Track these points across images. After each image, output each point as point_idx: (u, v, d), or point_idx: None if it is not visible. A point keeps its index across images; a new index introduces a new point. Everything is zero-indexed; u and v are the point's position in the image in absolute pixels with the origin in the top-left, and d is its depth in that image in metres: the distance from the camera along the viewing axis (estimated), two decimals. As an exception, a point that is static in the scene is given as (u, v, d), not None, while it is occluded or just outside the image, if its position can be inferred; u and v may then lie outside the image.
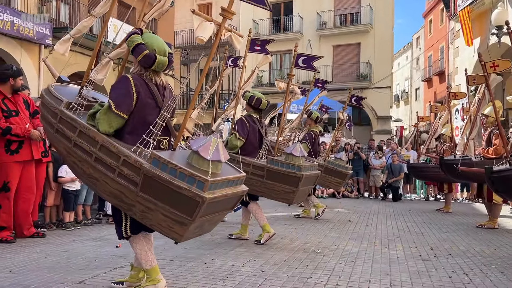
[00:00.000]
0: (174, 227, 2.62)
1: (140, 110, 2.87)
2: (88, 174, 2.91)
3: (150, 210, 2.65)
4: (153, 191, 2.60)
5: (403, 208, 9.62)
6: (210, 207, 2.60)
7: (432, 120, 10.88)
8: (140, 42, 2.91)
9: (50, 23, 13.58)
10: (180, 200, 2.54)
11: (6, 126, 4.86)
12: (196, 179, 2.52)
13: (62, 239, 5.22)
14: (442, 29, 26.39)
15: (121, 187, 2.72)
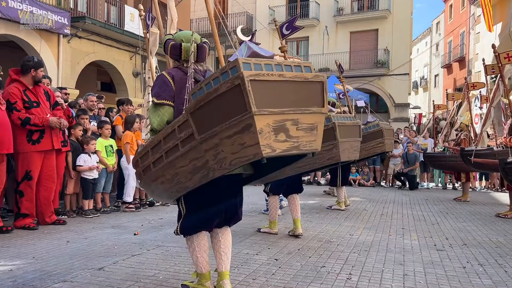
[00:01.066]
0: (244, 141, 2.18)
1: (181, 98, 2.77)
2: (171, 175, 2.63)
3: (218, 148, 2.30)
4: (205, 122, 2.29)
5: (419, 197, 9.56)
6: (265, 91, 2.15)
7: (448, 108, 10.71)
8: (168, 38, 2.98)
9: (68, 13, 13.73)
10: (225, 102, 2.18)
11: (25, 116, 4.98)
12: (226, 69, 2.17)
13: (82, 226, 5.37)
14: (463, 14, 25.76)
15: (188, 154, 2.44)
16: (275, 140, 2.20)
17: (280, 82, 2.22)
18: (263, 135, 2.14)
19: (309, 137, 2.32)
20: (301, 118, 2.29)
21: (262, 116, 2.13)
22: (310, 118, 2.32)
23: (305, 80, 2.31)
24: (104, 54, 15.93)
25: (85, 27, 14.51)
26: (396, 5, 22.43)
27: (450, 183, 12.41)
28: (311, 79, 2.33)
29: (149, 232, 5.07)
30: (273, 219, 5.17)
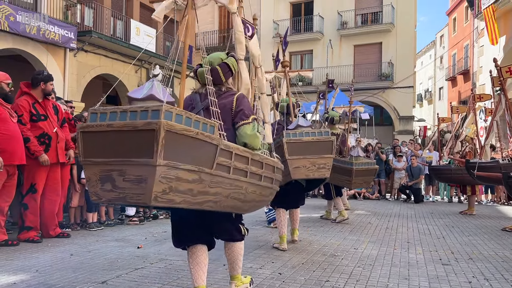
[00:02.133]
0: None
1: None
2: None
3: None
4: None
5: (425, 211, 9.49)
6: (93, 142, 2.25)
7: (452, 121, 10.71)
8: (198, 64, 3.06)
9: (75, 27, 13.92)
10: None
11: (26, 136, 4.99)
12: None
13: (86, 239, 5.37)
14: (467, 27, 25.85)
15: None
16: (101, 189, 2.25)
17: (109, 132, 2.20)
18: (90, 183, 2.29)
19: (136, 190, 2.18)
20: (127, 169, 2.19)
21: (88, 166, 2.27)
22: (136, 169, 2.17)
23: (134, 129, 2.15)
24: (110, 68, 16.08)
25: (91, 41, 14.68)
26: (399, 18, 22.56)
27: (455, 196, 12.32)
28: (141, 127, 2.12)
29: (152, 246, 5.06)
30: (281, 234, 5.06)
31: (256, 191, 2.84)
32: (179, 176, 2.23)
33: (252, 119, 2.90)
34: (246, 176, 2.69)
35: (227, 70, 2.99)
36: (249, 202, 2.85)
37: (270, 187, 3.06)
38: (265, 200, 3.14)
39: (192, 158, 2.29)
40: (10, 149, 4.70)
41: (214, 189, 2.45)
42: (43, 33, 12.65)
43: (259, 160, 2.83)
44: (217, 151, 2.40)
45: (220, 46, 25.52)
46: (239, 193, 2.67)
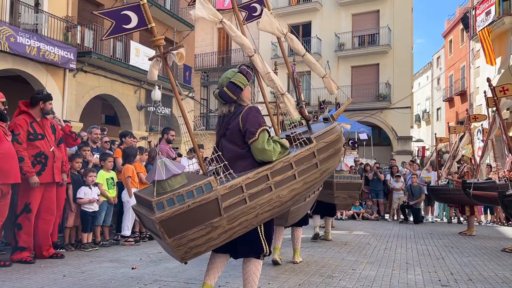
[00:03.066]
0: None
1: None
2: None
3: None
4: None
5: (424, 231, 9.40)
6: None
7: (450, 141, 10.73)
8: None
9: (75, 48, 14.05)
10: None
11: (21, 155, 4.95)
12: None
13: (79, 260, 5.29)
14: (463, 49, 26.18)
15: None
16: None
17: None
18: None
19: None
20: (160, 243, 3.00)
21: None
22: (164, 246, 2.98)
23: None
24: (109, 88, 16.18)
25: (91, 61, 14.82)
26: (396, 40, 22.85)
27: (455, 217, 12.24)
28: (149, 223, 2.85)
29: (147, 266, 4.99)
30: (277, 245, 5.25)
31: (296, 188, 3.13)
32: (191, 238, 2.70)
33: (259, 133, 2.97)
34: (271, 190, 2.97)
35: (235, 88, 3.08)
36: (292, 200, 3.17)
37: (314, 173, 3.31)
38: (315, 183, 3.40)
39: (197, 220, 2.70)
40: (5, 168, 4.67)
41: (237, 222, 2.82)
42: (43, 54, 12.77)
43: (284, 166, 3.05)
44: (218, 201, 2.73)
45: (219, 67, 25.78)
46: (269, 204, 2.96)
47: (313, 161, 3.31)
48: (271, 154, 2.98)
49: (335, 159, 3.63)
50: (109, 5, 16.35)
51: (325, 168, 3.46)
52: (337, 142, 3.65)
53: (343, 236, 8.25)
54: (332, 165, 3.62)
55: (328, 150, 3.49)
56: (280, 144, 3.07)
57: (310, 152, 3.30)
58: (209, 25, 26.77)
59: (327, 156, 3.47)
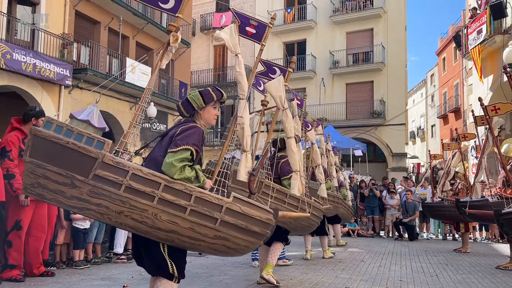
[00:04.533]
0: None
1: None
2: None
3: None
4: None
5: (419, 248, 9.37)
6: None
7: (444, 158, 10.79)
8: None
9: (71, 65, 14.12)
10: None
11: (12, 172, 4.93)
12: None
13: (70, 278, 5.22)
14: (456, 66, 26.51)
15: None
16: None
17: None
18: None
19: None
20: None
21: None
22: None
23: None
24: (105, 104, 16.20)
25: (87, 78, 14.87)
26: (390, 58, 23.11)
27: (450, 234, 12.21)
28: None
29: (139, 284, 4.93)
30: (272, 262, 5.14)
31: (173, 221, 2.68)
32: (46, 175, 2.57)
33: (181, 149, 2.75)
34: (153, 201, 2.64)
35: (187, 104, 3.07)
36: (166, 231, 2.70)
37: (207, 225, 2.76)
38: (205, 242, 2.81)
39: (63, 163, 2.58)
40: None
41: (95, 200, 2.60)
42: (39, 71, 12.82)
43: (182, 190, 2.70)
44: (96, 164, 2.58)
45: (215, 84, 25.90)
46: (139, 214, 2.64)
47: (214, 214, 2.77)
48: (174, 171, 2.70)
49: (245, 239, 2.91)
50: (106, 22, 16.54)
51: (224, 235, 2.81)
52: (255, 223, 2.93)
53: (337, 253, 8.20)
54: (239, 244, 2.90)
55: (240, 220, 2.86)
56: (196, 173, 2.81)
57: (218, 203, 2.81)
58: (205, 43, 27.03)
59: (233, 225, 2.83)
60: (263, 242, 3.11)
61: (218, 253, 2.94)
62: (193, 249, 2.87)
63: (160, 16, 19.38)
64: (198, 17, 26.87)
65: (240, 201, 2.90)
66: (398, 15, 23.56)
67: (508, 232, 4.65)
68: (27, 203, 4.97)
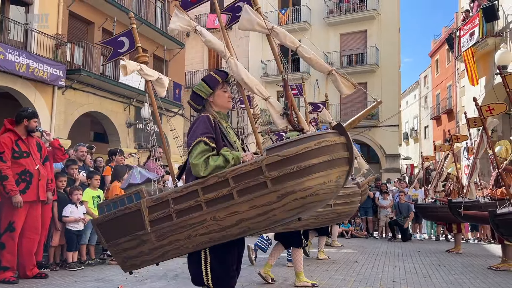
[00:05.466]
0: None
1: None
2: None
3: None
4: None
5: (412, 249, 9.43)
6: None
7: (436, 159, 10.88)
8: None
9: (64, 65, 14.06)
10: None
11: (5, 174, 4.93)
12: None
13: (64, 280, 5.21)
14: (449, 68, 26.69)
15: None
16: None
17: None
18: None
19: None
20: None
21: None
22: None
23: None
24: (98, 105, 16.16)
25: (80, 79, 14.82)
26: (384, 59, 23.25)
27: (443, 235, 12.30)
28: None
29: (133, 286, 4.93)
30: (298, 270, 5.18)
31: (233, 211, 2.54)
32: (124, 247, 2.81)
33: (193, 145, 2.64)
34: (202, 209, 2.58)
35: (195, 96, 2.95)
36: (236, 225, 2.56)
37: (263, 194, 2.51)
38: (275, 210, 2.54)
39: (124, 230, 2.78)
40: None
41: (166, 240, 2.68)
42: (32, 71, 12.76)
43: (217, 181, 2.56)
44: (142, 213, 2.72)
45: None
46: (203, 226, 2.58)
47: (259, 179, 2.51)
48: (199, 169, 2.58)
49: (315, 178, 2.51)
50: (99, 23, 16.48)
51: (285, 191, 2.49)
52: (308, 157, 2.50)
53: (331, 254, 8.23)
54: (311, 187, 2.52)
55: (287, 166, 2.49)
56: (223, 158, 2.61)
57: (255, 167, 2.52)
58: (200, 43, 26.97)
59: (285, 174, 2.49)
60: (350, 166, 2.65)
61: (305, 208, 2.58)
62: (274, 221, 2.60)
63: (154, 17, 19.37)
64: (192, 18, 26.75)
65: (274, 149, 2.56)
66: (392, 17, 23.70)
67: (503, 233, 4.69)
68: (20, 204, 4.96)
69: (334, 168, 2.56)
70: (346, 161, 2.61)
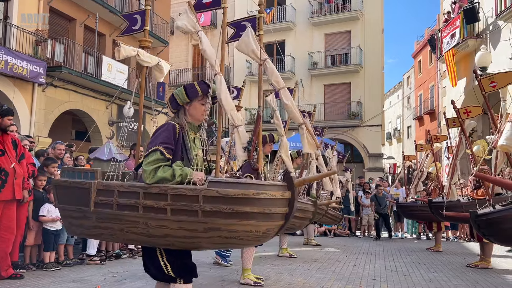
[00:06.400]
0: None
1: None
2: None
3: None
4: None
5: (393, 247, 9.52)
6: None
7: (418, 159, 11.02)
8: None
9: (45, 62, 13.80)
10: None
11: None
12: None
13: (40, 281, 5.10)
14: (431, 69, 27.04)
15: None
16: None
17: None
18: None
19: None
20: None
21: None
22: None
23: None
24: (80, 103, 15.92)
25: (61, 76, 14.57)
26: (367, 60, 23.43)
27: (424, 233, 12.44)
28: None
29: (111, 286, 4.85)
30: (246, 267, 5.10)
31: (163, 225, 2.63)
32: (69, 214, 3.02)
33: (150, 152, 2.69)
34: (138, 211, 2.68)
35: (172, 100, 2.97)
36: (162, 237, 2.66)
37: (192, 221, 2.58)
38: (200, 238, 2.63)
39: (73, 200, 2.95)
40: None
41: (104, 224, 2.83)
42: (11, 68, 12.48)
43: (158, 193, 2.63)
44: (90, 193, 2.84)
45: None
46: (135, 226, 2.72)
47: (193, 207, 2.55)
48: (146, 176, 2.64)
49: (242, 223, 2.54)
50: (81, 19, 16.24)
51: (213, 226, 2.55)
52: (243, 203, 2.52)
53: (313, 253, 8.27)
54: (237, 231, 2.56)
55: (221, 205, 2.52)
56: (172, 172, 2.65)
57: (193, 194, 2.56)
58: (184, 42, 26.86)
59: (217, 212, 2.52)
60: (285, 221, 2.63)
61: (227, 246, 2.78)
62: (197, 247, 2.75)
63: (137, 14, 19.14)
64: (177, 16, 26.68)
65: (217, 184, 2.58)
66: (376, 18, 23.90)
67: (485, 233, 4.73)
68: None
69: (267, 221, 2.57)
70: (283, 216, 2.62)
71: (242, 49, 3.78)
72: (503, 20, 13.34)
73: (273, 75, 3.56)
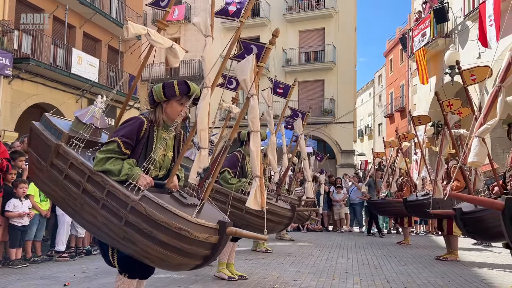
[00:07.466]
0: None
1: None
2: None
3: None
4: None
5: (364, 242, 9.68)
6: None
7: (387, 155, 11.24)
8: None
9: (11, 53, 13.31)
10: None
11: None
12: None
13: (6, 278, 4.92)
14: (402, 67, 27.60)
15: None
16: None
17: None
18: None
19: None
20: None
21: None
22: None
23: None
24: (48, 96, 15.43)
25: (29, 68, 14.09)
26: (340, 58, 23.71)
27: (394, 228, 12.71)
28: None
29: (80, 283, 4.73)
30: (222, 260, 5.08)
31: (93, 214, 2.63)
32: (35, 161, 3.12)
33: (108, 141, 2.70)
34: (79, 190, 2.71)
35: (150, 95, 2.93)
36: (88, 222, 2.72)
37: (115, 223, 2.52)
38: (118, 238, 2.55)
39: (39, 151, 3.06)
40: None
41: (52, 186, 2.93)
42: (-25, 58, 11.99)
43: (99, 182, 2.62)
44: (51, 152, 2.89)
45: (166, 78, 25.40)
46: (72, 202, 2.79)
47: (120, 211, 2.51)
48: (96, 162, 2.65)
49: (155, 248, 2.44)
50: (50, 9, 15.72)
51: (130, 238, 2.49)
52: (162, 231, 2.42)
53: (286, 247, 8.32)
54: (149, 253, 2.48)
55: (143, 224, 2.45)
56: (119, 168, 2.61)
57: (124, 200, 2.51)
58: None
59: (138, 228, 2.46)
60: (204, 262, 2.56)
61: (142, 260, 2.58)
62: (118, 248, 2.67)
63: (109, 6, 18.70)
64: (150, 9, 26.22)
65: (149, 202, 2.48)
66: (349, 16, 24.20)
67: (469, 230, 4.82)
68: None
69: (181, 256, 2.47)
70: (202, 257, 2.52)
71: (236, 71, 3.57)
72: (471, 20, 13.75)
73: (253, 114, 3.35)
